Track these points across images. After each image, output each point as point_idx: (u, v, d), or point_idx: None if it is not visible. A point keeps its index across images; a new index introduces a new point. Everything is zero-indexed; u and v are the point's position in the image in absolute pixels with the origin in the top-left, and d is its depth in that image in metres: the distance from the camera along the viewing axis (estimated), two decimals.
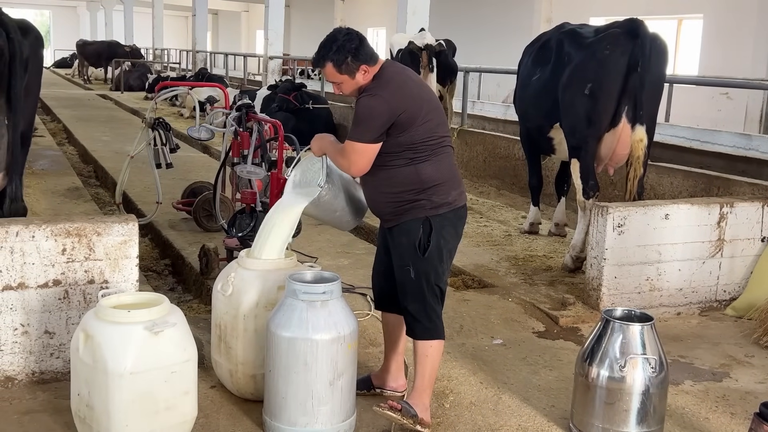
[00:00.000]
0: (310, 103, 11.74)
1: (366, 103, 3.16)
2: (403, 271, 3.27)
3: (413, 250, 3.23)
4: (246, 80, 19.34)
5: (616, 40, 5.22)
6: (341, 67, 3.19)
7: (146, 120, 6.50)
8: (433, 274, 3.26)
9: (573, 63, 5.46)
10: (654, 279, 4.79)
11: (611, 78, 5.20)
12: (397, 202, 3.24)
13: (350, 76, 3.21)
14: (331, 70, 3.21)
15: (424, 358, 3.29)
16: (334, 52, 3.18)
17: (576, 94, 5.35)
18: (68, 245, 3.51)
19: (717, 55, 14.39)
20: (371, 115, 3.14)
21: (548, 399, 3.66)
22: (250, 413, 3.37)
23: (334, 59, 3.18)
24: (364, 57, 3.20)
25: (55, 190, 7.88)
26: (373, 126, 3.13)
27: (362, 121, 3.16)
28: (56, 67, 35.36)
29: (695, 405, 3.67)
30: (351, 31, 3.27)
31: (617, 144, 5.30)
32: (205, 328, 4.04)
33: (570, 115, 5.46)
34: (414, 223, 3.23)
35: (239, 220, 4.98)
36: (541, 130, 5.96)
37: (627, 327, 3.20)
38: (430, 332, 3.30)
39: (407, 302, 3.30)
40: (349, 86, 3.25)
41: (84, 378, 2.95)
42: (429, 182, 3.22)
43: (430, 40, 8.73)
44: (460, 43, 9.58)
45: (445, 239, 3.26)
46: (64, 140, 12.69)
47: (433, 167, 3.22)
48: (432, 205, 3.23)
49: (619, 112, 5.22)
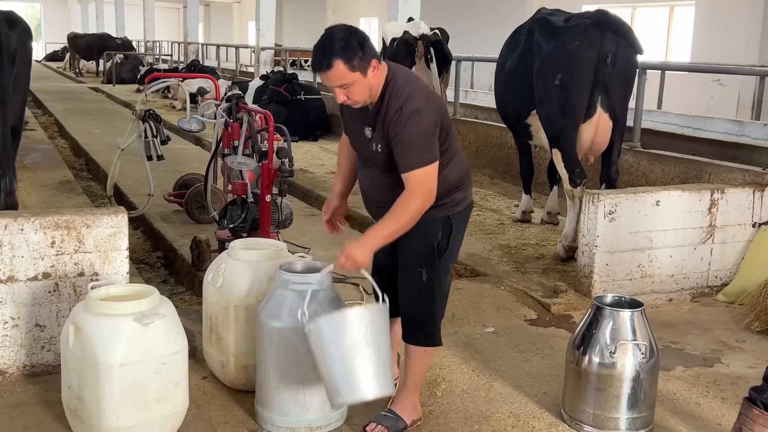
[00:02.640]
0: (302, 94, 11.69)
1: (417, 122, 2.84)
2: (413, 273, 3.07)
3: (430, 252, 3.05)
4: (238, 71, 19.27)
5: (584, 31, 5.22)
6: (353, 63, 2.79)
7: (137, 112, 6.47)
8: (444, 276, 3.13)
9: (543, 53, 5.46)
10: (645, 266, 4.80)
11: (581, 69, 5.20)
12: None
13: (363, 74, 2.82)
14: (342, 69, 2.79)
15: (417, 360, 3.20)
16: (341, 48, 2.78)
17: (548, 84, 5.36)
18: (57, 238, 3.50)
19: (709, 42, 14.39)
20: (426, 137, 2.86)
21: (540, 386, 3.67)
22: (242, 404, 3.37)
23: (344, 55, 2.78)
24: (372, 51, 2.86)
25: (46, 183, 7.86)
26: (431, 146, 2.88)
27: (422, 144, 2.86)
28: (48, 60, 35.18)
29: (686, 390, 3.68)
30: (349, 25, 2.91)
31: (596, 133, 5.32)
32: (197, 320, 4.03)
33: (545, 106, 5.48)
34: (434, 224, 3.04)
35: (230, 212, 4.98)
36: (519, 116, 5.98)
37: (617, 313, 3.20)
38: (433, 339, 3.17)
39: (413, 306, 3.11)
40: (360, 88, 2.86)
41: (74, 370, 2.95)
42: (455, 183, 3.08)
43: (425, 29, 8.70)
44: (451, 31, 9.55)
45: (460, 238, 3.16)
46: (55, 133, 12.64)
47: (456, 168, 3.08)
48: (453, 203, 3.09)
49: (593, 103, 5.23)
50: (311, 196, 7.84)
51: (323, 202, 7.79)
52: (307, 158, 9.92)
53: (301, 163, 9.38)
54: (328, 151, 10.62)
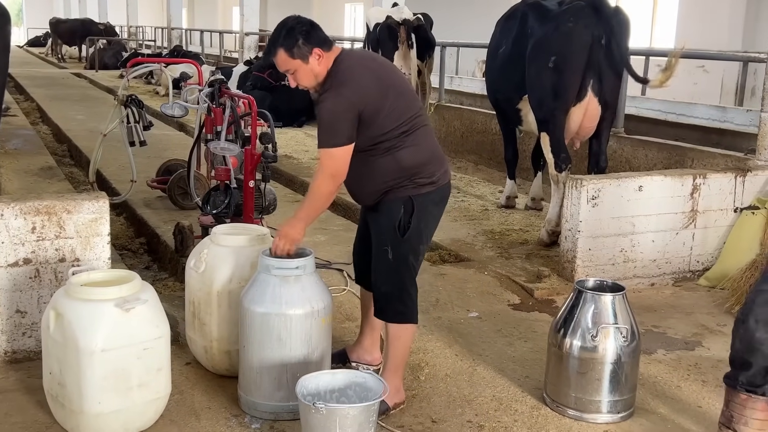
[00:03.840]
0: (286, 80, 11.60)
1: (328, 107, 3.05)
2: (381, 252, 3.19)
3: (393, 231, 3.15)
4: (222, 57, 19.15)
5: (579, 13, 5.20)
6: (292, 51, 3.06)
7: (118, 97, 6.41)
8: (411, 256, 3.19)
9: (537, 35, 5.44)
10: (628, 250, 4.82)
11: (575, 51, 5.18)
12: (379, 190, 3.16)
13: (303, 61, 3.07)
14: (284, 57, 3.08)
15: (396, 339, 3.25)
16: (284, 37, 3.07)
17: (541, 67, 5.34)
18: (38, 223, 3.47)
19: (693, 28, 14.41)
20: (336, 117, 3.02)
21: (522, 370, 3.69)
22: (226, 389, 3.37)
23: (285, 44, 3.07)
24: (316, 40, 3.08)
25: (28, 169, 7.77)
26: (340, 127, 3.02)
27: (329, 124, 3.04)
28: (30, 45, 34.78)
29: (667, 373, 3.71)
30: (301, 17, 3.15)
31: (584, 117, 5.32)
32: (180, 306, 4.02)
33: (536, 89, 5.46)
34: (395, 204, 3.14)
35: (213, 197, 4.95)
36: (510, 101, 5.97)
37: (599, 297, 3.22)
38: (403, 316, 3.23)
39: (381, 283, 3.23)
40: (304, 74, 3.10)
41: (55, 356, 2.94)
42: (411, 168, 3.13)
43: (408, 14, 8.69)
44: (436, 17, 9.53)
45: (426, 220, 3.20)
46: (37, 119, 12.52)
47: (412, 152, 3.13)
48: (415, 185, 3.14)
49: (584, 86, 5.23)
50: (295, 182, 7.81)
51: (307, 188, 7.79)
52: (292, 144, 9.88)
53: (286, 149, 9.34)
54: (312, 137, 10.57)
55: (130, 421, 2.98)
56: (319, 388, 2.95)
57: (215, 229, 3.54)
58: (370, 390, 2.93)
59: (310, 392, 2.91)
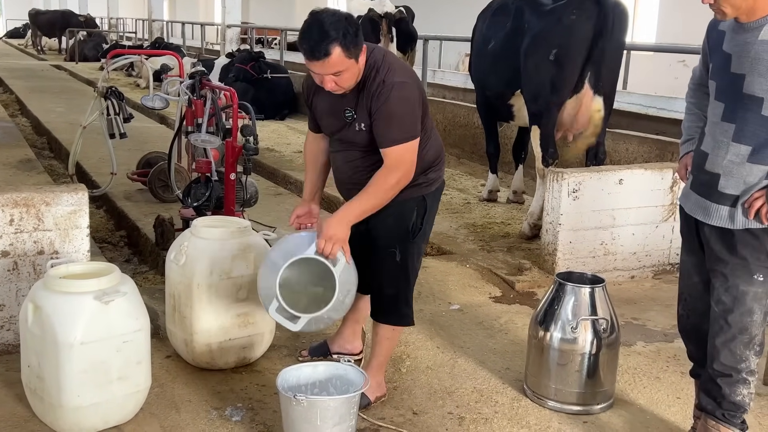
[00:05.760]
0: (269, 73, 11.58)
1: (400, 95, 2.79)
2: (387, 254, 3.03)
3: (404, 233, 3.02)
4: (204, 49, 19.03)
5: (581, 5, 5.21)
6: (350, 49, 2.70)
7: (98, 89, 6.36)
8: (417, 255, 3.12)
9: (536, 29, 5.43)
10: (608, 243, 4.85)
11: (577, 44, 5.18)
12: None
13: (356, 60, 2.76)
14: (340, 57, 2.69)
15: (386, 339, 3.21)
16: (343, 35, 2.67)
17: (540, 60, 5.33)
18: (16, 216, 3.43)
19: (674, 23, 14.50)
20: (412, 106, 2.82)
21: (503, 362, 3.70)
22: (206, 382, 3.36)
23: (344, 42, 2.67)
24: (362, 36, 2.80)
25: (6, 162, 7.70)
26: (416, 116, 2.84)
27: (405, 114, 2.81)
28: (8, 37, 34.41)
29: (647, 365, 3.74)
30: (338, 10, 2.81)
31: (579, 110, 5.34)
32: (160, 299, 3.99)
33: (533, 82, 5.45)
34: (409, 204, 2.99)
35: (194, 190, 4.93)
36: (502, 97, 5.94)
37: (579, 289, 3.24)
38: (406, 318, 3.17)
39: (385, 286, 3.10)
40: (352, 74, 2.78)
41: (34, 349, 2.91)
42: (430, 163, 3.04)
43: (390, 7, 8.69)
44: (419, 10, 9.53)
45: (432, 217, 3.13)
46: (16, 112, 12.41)
47: (433, 148, 3.05)
48: (428, 182, 3.04)
49: (582, 78, 5.24)
50: (277, 175, 7.80)
51: (289, 181, 7.77)
52: (274, 137, 9.86)
53: (268, 142, 9.31)
54: (294, 130, 10.55)
55: (109, 414, 2.96)
56: (300, 380, 2.95)
57: (196, 222, 3.52)
58: (351, 382, 2.93)
59: (291, 385, 2.91)
